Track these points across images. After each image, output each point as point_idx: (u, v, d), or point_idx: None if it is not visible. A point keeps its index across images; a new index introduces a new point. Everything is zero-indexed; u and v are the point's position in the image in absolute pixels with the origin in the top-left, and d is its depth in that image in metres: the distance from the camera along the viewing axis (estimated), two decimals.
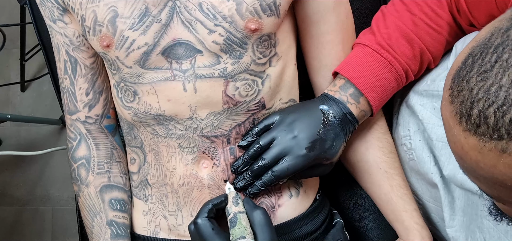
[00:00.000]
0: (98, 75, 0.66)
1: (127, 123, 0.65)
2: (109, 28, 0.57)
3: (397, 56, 0.62)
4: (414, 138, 0.66)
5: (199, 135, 0.60)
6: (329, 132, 0.60)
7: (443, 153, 0.61)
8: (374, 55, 0.62)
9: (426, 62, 0.64)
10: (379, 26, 0.64)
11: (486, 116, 0.28)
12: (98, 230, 0.65)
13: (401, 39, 0.62)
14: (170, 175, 0.63)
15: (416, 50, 0.62)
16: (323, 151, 0.59)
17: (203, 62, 0.58)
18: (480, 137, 0.29)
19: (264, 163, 0.58)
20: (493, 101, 0.28)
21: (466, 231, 0.61)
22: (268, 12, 0.57)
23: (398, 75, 0.63)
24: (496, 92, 0.28)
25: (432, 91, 0.63)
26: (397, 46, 0.62)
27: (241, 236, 0.53)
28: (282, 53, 0.62)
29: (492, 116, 0.28)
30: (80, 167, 0.67)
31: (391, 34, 0.62)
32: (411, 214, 0.65)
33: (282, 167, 0.58)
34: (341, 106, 0.61)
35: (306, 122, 0.59)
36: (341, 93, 0.62)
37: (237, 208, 0.56)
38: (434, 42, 0.63)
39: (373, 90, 0.62)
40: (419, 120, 0.65)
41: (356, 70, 0.62)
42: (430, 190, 0.66)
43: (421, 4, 0.62)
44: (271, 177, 0.59)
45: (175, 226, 0.64)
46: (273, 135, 0.59)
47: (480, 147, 0.30)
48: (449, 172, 0.60)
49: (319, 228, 0.68)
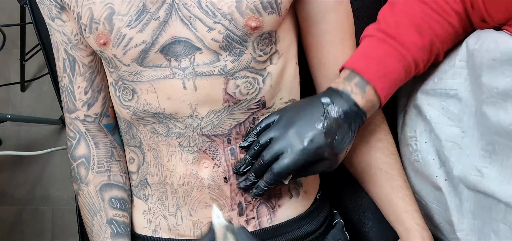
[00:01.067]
0: (97, 73, 0.66)
1: (126, 122, 0.65)
2: (105, 25, 0.57)
3: (405, 44, 0.59)
4: (420, 140, 0.65)
5: (199, 134, 0.60)
6: (330, 124, 0.58)
7: (452, 153, 0.60)
8: (379, 43, 0.60)
9: (435, 53, 0.62)
10: (385, 16, 0.62)
11: None
12: (98, 228, 0.65)
13: (411, 27, 0.59)
14: (170, 174, 0.62)
15: (425, 40, 0.59)
16: (324, 144, 0.57)
17: (202, 60, 0.57)
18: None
19: (264, 161, 0.58)
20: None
21: (478, 234, 0.59)
22: (269, 9, 0.57)
23: (406, 64, 0.60)
24: None
25: (440, 90, 0.62)
26: (406, 34, 0.59)
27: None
28: (283, 51, 0.62)
29: None
30: (79, 165, 0.67)
31: (399, 23, 0.60)
32: (412, 215, 0.65)
33: (281, 163, 0.57)
34: (345, 98, 0.59)
35: (305, 116, 0.58)
36: (345, 84, 0.59)
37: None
38: (445, 34, 0.60)
39: (380, 79, 0.59)
40: (426, 120, 0.64)
41: (361, 59, 0.60)
42: (434, 192, 0.65)
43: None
44: (272, 175, 0.58)
45: (175, 226, 0.64)
46: (271, 133, 0.59)
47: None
48: (459, 173, 0.59)
49: (319, 228, 0.68)
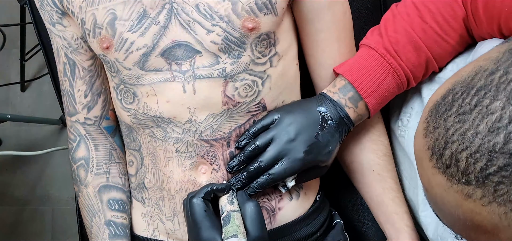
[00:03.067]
0: (96, 77, 0.66)
1: (126, 126, 0.65)
2: (108, 30, 0.57)
3: (402, 63, 0.61)
4: (412, 119, 0.66)
5: (198, 139, 0.60)
6: (326, 134, 0.59)
7: None
8: (379, 60, 0.61)
9: (431, 70, 0.63)
10: (388, 29, 0.62)
11: (458, 159, 0.28)
12: (96, 230, 0.65)
13: (408, 45, 0.60)
14: (167, 180, 0.62)
15: (422, 58, 0.61)
16: (320, 154, 0.59)
17: (202, 62, 0.57)
18: (448, 177, 0.29)
19: (261, 165, 0.58)
20: (467, 146, 0.28)
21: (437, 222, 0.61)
22: (265, 10, 0.57)
23: (400, 82, 0.62)
24: (472, 138, 0.28)
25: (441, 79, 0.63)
26: (403, 52, 0.61)
27: (234, 234, 0.52)
28: (283, 53, 0.62)
29: (464, 161, 0.28)
30: (79, 167, 0.67)
31: (399, 39, 0.61)
32: (402, 216, 0.66)
33: (279, 169, 0.58)
34: (339, 109, 0.61)
35: (304, 124, 0.59)
36: (340, 95, 0.61)
37: (232, 206, 0.56)
38: (442, 52, 0.62)
39: (373, 96, 0.61)
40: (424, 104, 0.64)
41: (359, 74, 0.61)
42: (411, 169, 0.67)
43: (435, 12, 0.60)
44: (267, 179, 0.58)
45: (172, 230, 0.64)
46: (270, 136, 0.59)
47: (447, 186, 0.30)
48: None
49: (319, 230, 0.68)
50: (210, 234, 0.53)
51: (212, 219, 0.55)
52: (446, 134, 0.29)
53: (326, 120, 0.60)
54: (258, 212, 0.56)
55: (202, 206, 0.55)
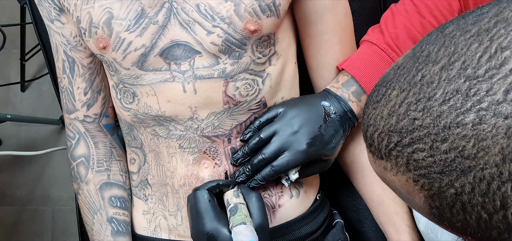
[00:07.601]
0: (96, 74, 0.66)
1: (127, 124, 0.65)
2: (104, 30, 0.57)
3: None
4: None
5: (200, 135, 0.60)
6: (329, 128, 0.60)
7: None
8: (381, 54, 0.62)
9: None
10: (388, 25, 0.63)
11: (373, 139, 0.35)
12: (98, 227, 0.65)
13: (408, 40, 0.62)
14: (171, 175, 0.63)
15: None
16: (323, 148, 0.59)
17: (202, 63, 0.57)
18: (372, 155, 0.36)
19: (264, 157, 0.59)
20: (377, 129, 0.34)
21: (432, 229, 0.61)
22: (268, 12, 0.57)
23: None
24: (379, 121, 0.34)
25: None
26: (404, 46, 0.62)
27: (242, 222, 0.53)
28: (282, 52, 0.62)
29: (376, 140, 0.34)
30: (79, 165, 0.67)
31: (398, 34, 0.62)
32: (402, 216, 0.66)
33: (282, 161, 0.58)
34: (342, 104, 0.61)
35: (307, 117, 0.59)
36: (343, 90, 0.62)
37: (238, 199, 0.57)
38: None
39: None
40: None
41: (361, 68, 0.62)
42: None
43: (431, 7, 0.62)
44: (270, 172, 0.59)
45: (175, 226, 0.64)
46: (274, 129, 0.59)
47: (373, 161, 0.36)
48: None
49: (319, 229, 0.68)
50: (215, 225, 0.54)
51: (217, 210, 0.56)
52: (367, 118, 0.36)
53: (330, 114, 0.60)
54: (261, 201, 0.57)
55: (207, 197, 0.56)
